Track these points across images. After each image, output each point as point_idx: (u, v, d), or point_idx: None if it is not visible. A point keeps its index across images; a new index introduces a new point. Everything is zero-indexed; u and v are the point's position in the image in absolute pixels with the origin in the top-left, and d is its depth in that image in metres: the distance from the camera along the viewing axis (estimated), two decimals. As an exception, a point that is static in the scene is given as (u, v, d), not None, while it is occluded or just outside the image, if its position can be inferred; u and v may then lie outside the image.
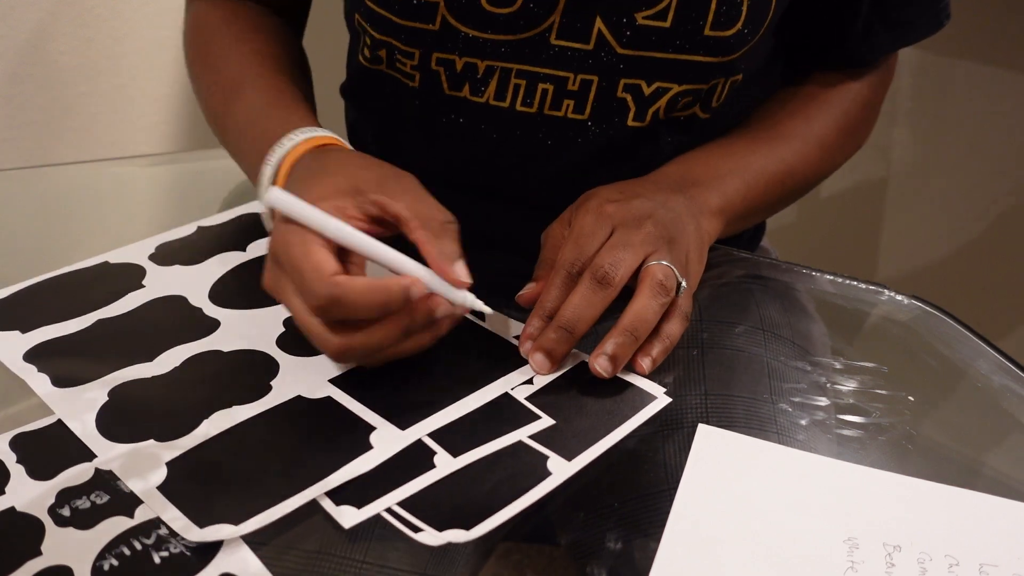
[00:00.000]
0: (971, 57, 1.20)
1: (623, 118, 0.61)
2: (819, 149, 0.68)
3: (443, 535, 0.41)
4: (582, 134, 0.62)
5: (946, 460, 0.47)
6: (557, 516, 0.44)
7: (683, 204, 0.58)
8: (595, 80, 0.60)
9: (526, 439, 0.46)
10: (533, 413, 0.48)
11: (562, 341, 0.50)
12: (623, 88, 0.60)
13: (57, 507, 0.40)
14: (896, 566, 0.40)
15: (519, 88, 0.61)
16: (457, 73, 0.62)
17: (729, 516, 0.42)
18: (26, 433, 0.45)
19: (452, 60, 0.61)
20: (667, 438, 0.47)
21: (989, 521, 0.42)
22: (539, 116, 0.62)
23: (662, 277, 0.51)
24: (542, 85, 0.61)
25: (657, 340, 0.52)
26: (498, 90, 0.62)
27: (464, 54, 0.61)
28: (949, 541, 0.41)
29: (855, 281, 0.64)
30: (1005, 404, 0.53)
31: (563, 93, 0.61)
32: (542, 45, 0.59)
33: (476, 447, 0.45)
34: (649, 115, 0.61)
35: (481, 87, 0.62)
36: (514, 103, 0.62)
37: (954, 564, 0.40)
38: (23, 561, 0.38)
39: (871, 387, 0.53)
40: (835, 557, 0.40)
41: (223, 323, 0.52)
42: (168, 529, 0.40)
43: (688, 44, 0.58)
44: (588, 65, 0.59)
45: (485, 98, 0.62)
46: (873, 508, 0.43)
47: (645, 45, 0.58)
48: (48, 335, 0.52)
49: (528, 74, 0.61)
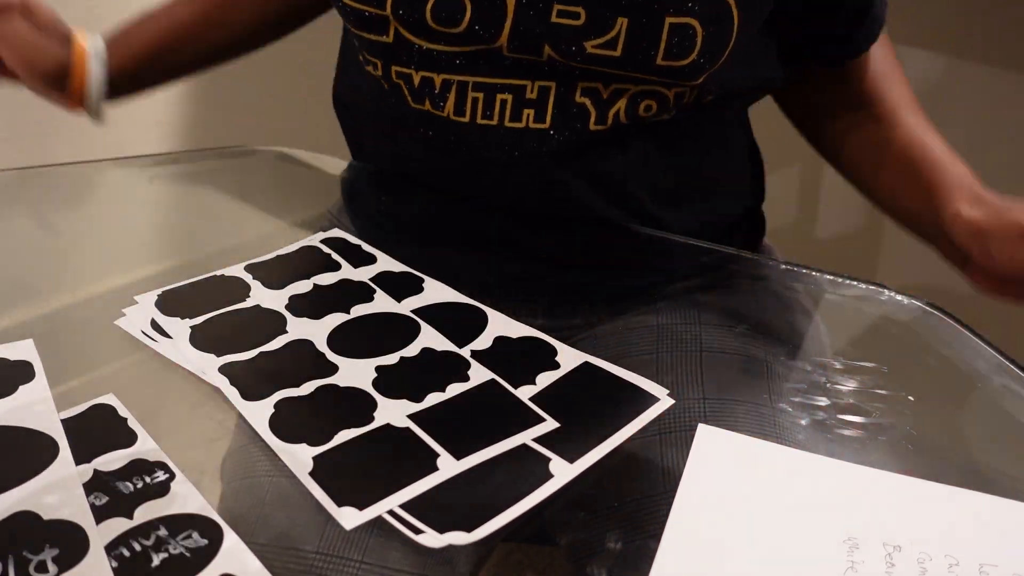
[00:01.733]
0: (971, 57, 1.20)
1: (584, 123, 0.61)
2: None
3: (444, 537, 0.41)
4: (546, 143, 0.62)
5: (946, 460, 0.47)
6: (557, 516, 0.44)
7: None
8: (552, 86, 0.60)
9: (529, 442, 0.46)
10: (537, 415, 0.48)
11: None
12: (581, 92, 0.60)
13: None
14: (896, 566, 0.40)
15: (477, 101, 0.61)
16: (415, 88, 0.62)
17: (729, 516, 0.42)
18: None
19: (409, 74, 0.61)
20: (667, 439, 0.47)
21: (989, 521, 0.42)
22: (501, 128, 0.62)
23: None
24: (500, 96, 0.61)
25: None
26: (457, 104, 0.62)
27: (420, 68, 0.61)
28: (949, 541, 0.41)
29: (855, 281, 0.64)
30: (1005, 404, 0.53)
31: (522, 102, 0.61)
32: (495, 57, 0.59)
33: (480, 449, 0.45)
34: (610, 118, 0.61)
35: (440, 102, 0.62)
36: (474, 117, 0.62)
37: (954, 564, 0.40)
38: None
39: (871, 387, 0.53)
40: (835, 557, 0.40)
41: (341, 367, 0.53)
42: (167, 530, 0.40)
43: (641, 70, 0.57)
44: (545, 72, 0.59)
45: (446, 113, 0.62)
46: (873, 508, 0.43)
47: (598, 66, 0.58)
48: (234, 359, 0.52)
49: (485, 86, 0.60)
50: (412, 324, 0.56)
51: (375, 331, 0.56)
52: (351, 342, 0.54)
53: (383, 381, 0.50)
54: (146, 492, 0.42)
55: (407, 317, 0.57)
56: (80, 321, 0.60)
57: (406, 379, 0.51)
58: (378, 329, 0.56)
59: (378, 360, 0.52)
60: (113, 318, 0.56)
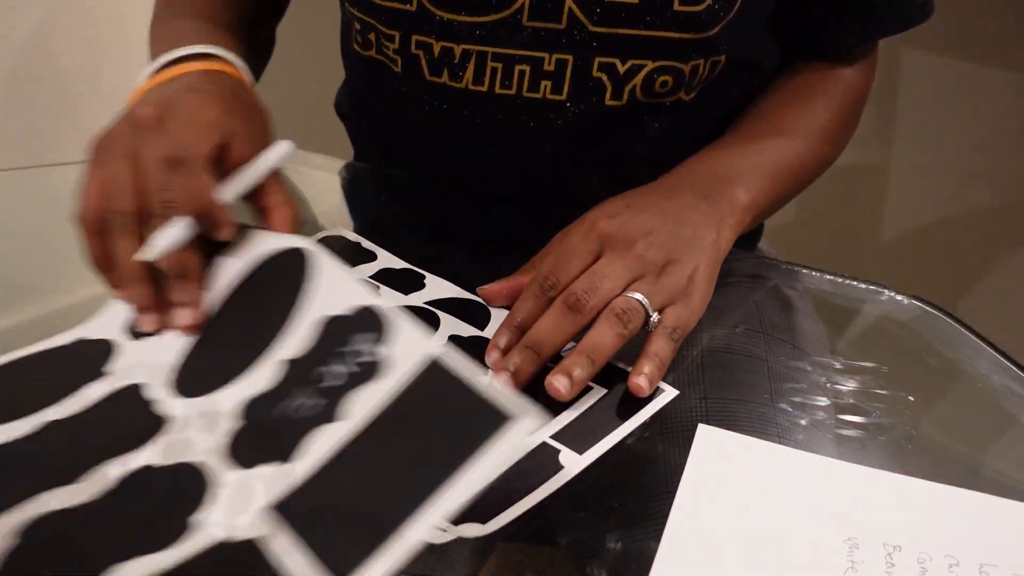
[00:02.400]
0: (971, 57, 1.20)
1: (600, 97, 0.62)
2: (823, 141, 0.68)
3: (458, 529, 0.41)
4: (561, 115, 0.63)
5: (946, 460, 0.47)
6: (557, 516, 0.44)
7: (704, 211, 0.56)
8: (570, 59, 0.60)
9: (547, 438, 0.46)
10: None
11: (528, 362, 0.49)
12: (598, 67, 0.61)
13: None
14: (896, 566, 0.40)
15: (496, 71, 0.62)
16: (435, 58, 0.62)
17: (729, 516, 0.42)
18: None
19: (430, 44, 0.62)
20: (667, 439, 0.47)
21: (989, 521, 0.42)
22: (519, 98, 0.63)
23: (620, 310, 0.50)
24: (519, 67, 0.61)
25: (646, 359, 0.50)
26: (476, 74, 0.62)
27: (441, 38, 0.61)
28: (949, 541, 0.41)
29: (855, 281, 0.64)
30: (1005, 404, 0.53)
31: (540, 74, 0.61)
32: (515, 27, 0.60)
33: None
34: (626, 94, 0.62)
35: (459, 72, 0.62)
36: (492, 86, 0.63)
37: (954, 564, 0.40)
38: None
39: (871, 387, 0.53)
40: (835, 557, 0.40)
41: (175, 423, 0.41)
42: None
43: (658, 20, 0.58)
44: (562, 44, 0.60)
45: (464, 83, 0.63)
46: (873, 508, 0.43)
47: (616, 22, 0.58)
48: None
49: (504, 56, 0.61)
50: (431, 315, 0.56)
51: None
52: None
53: None
54: None
55: (423, 308, 0.57)
56: (80, 321, 0.60)
57: None
58: None
59: None
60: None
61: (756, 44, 0.66)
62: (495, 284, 0.57)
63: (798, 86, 0.69)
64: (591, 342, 0.49)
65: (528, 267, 0.57)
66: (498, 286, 0.56)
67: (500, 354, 0.51)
